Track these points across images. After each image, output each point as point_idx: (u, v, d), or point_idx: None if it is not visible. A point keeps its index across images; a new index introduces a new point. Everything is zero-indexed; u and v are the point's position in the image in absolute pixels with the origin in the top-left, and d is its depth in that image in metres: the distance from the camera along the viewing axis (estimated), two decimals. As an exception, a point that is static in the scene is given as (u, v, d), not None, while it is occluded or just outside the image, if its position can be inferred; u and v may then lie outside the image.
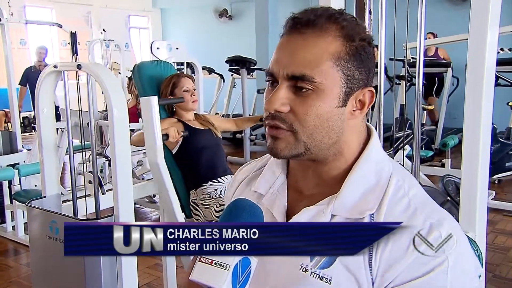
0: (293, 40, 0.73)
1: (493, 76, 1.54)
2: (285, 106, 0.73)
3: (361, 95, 0.76)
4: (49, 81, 2.14)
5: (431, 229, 0.70)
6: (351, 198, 0.75)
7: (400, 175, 0.77)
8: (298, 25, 0.73)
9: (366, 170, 0.76)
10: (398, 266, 0.70)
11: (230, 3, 10.08)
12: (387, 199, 0.74)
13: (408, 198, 0.74)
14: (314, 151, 0.75)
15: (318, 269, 0.74)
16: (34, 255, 2.24)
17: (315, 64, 0.71)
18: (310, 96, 0.72)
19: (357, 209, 0.74)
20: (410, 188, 0.76)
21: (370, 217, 0.73)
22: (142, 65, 2.58)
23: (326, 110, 0.73)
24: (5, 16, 3.89)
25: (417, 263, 0.69)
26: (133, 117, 4.01)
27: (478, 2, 1.48)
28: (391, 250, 0.70)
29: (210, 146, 2.48)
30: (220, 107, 7.29)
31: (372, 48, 0.77)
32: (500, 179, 4.72)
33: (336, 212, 0.75)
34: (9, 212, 3.72)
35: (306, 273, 0.75)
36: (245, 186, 0.90)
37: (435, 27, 6.50)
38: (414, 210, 0.73)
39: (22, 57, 8.77)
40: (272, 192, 0.84)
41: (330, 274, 0.73)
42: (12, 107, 4.01)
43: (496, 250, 3.18)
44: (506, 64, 4.85)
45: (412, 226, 0.70)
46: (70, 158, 2.20)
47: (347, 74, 0.73)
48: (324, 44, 0.72)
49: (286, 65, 0.73)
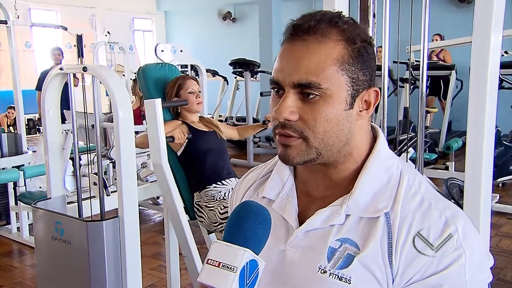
0: (296, 48, 0.73)
1: (496, 79, 1.54)
2: (294, 115, 0.73)
3: (367, 96, 0.76)
4: (55, 83, 2.15)
5: (447, 224, 0.71)
6: (365, 197, 0.75)
7: (410, 172, 0.78)
8: (299, 32, 0.73)
9: (377, 169, 0.77)
10: (418, 262, 0.70)
11: (234, 6, 10.11)
12: (401, 197, 0.74)
13: (421, 195, 0.75)
14: (326, 156, 0.76)
15: (336, 269, 0.74)
16: (39, 256, 2.25)
17: (320, 70, 0.72)
18: (318, 103, 0.72)
19: (371, 208, 0.75)
20: (420, 185, 0.77)
21: (386, 215, 0.74)
22: (146, 68, 2.60)
23: (334, 114, 0.73)
24: (11, 19, 3.92)
25: (436, 259, 0.70)
26: (137, 119, 4.02)
27: (481, 5, 1.49)
28: (410, 248, 0.71)
29: (214, 149, 2.49)
30: (223, 110, 7.30)
31: (373, 48, 0.77)
32: (504, 182, 4.70)
33: (351, 211, 0.75)
34: (14, 214, 3.73)
35: (324, 274, 0.74)
36: (253, 192, 0.90)
37: (441, 30, 6.50)
38: (428, 206, 0.74)
39: (27, 59, 8.83)
40: (282, 197, 0.83)
41: (349, 274, 0.73)
42: (18, 109, 4.04)
43: (500, 254, 3.17)
44: (510, 67, 4.84)
45: (429, 221, 0.72)
46: (75, 159, 2.21)
47: (352, 77, 0.74)
48: (327, 50, 0.72)
49: (291, 73, 0.73)
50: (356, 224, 0.75)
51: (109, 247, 1.96)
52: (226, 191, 2.44)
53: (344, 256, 0.74)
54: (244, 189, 0.92)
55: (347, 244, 0.74)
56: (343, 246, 0.74)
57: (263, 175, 0.90)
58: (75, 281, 2.06)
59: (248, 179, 0.94)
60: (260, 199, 0.86)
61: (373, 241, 0.73)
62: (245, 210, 0.69)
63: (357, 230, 0.75)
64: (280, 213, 0.82)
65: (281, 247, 0.79)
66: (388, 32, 2.02)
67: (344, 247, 0.74)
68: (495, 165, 1.93)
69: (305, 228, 0.78)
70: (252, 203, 0.71)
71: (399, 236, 0.72)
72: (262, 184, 0.88)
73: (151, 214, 4.22)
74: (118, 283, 2.00)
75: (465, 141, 1.58)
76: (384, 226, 0.73)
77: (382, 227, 0.73)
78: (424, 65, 2.20)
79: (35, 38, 8.98)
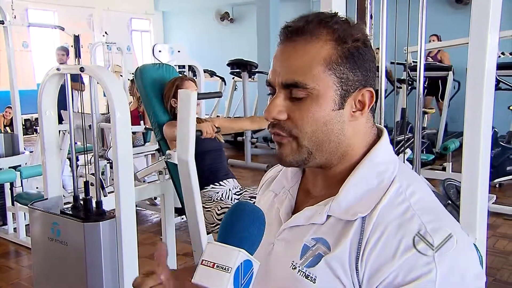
0: (286, 49, 0.75)
1: (493, 80, 1.55)
2: (282, 114, 0.75)
3: (360, 96, 0.76)
4: (52, 83, 2.15)
5: (423, 237, 0.68)
6: (348, 199, 0.75)
7: (406, 180, 0.75)
8: (289, 34, 0.74)
9: (367, 172, 0.76)
10: (385, 270, 0.68)
11: (231, 6, 10.10)
12: (383, 203, 0.72)
13: (409, 203, 0.72)
14: (318, 156, 0.76)
15: (305, 267, 0.75)
16: (35, 257, 2.25)
17: (307, 70, 0.72)
18: (305, 102, 0.73)
19: (350, 211, 0.74)
20: (412, 195, 0.73)
21: (362, 220, 0.72)
22: (144, 68, 2.59)
23: (322, 114, 0.73)
24: (8, 19, 3.91)
25: (404, 268, 0.67)
26: (135, 120, 4.02)
27: (478, 6, 1.49)
28: (378, 254, 0.69)
29: (212, 150, 2.49)
30: (221, 110, 7.30)
31: (369, 48, 0.76)
32: (501, 183, 4.71)
33: (332, 212, 0.75)
34: (10, 214, 3.72)
35: (294, 270, 0.76)
36: (266, 187, 0.94)
37: (438, 31, 6.52)
38: (411, 215, 0.70)
39: (24, 59, 8.80)
40: (284, 192, 0.87)
41: (315, 273, 0.73)
42: (15, 109, 4.03)
43: (496, 254, 3.18)
44: (506, 68, 4.86)
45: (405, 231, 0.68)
46: (72, 160, 2.20)
47: (341, 77, 0.73)
48: (314, 50, 0.73)
49: (280, 74, 0.74)
50: (334, 225, 0.75)
51: (106, 248, 1.96)
52: (223, 192, 2.44)
53: (314, 255, 0.74)
54: (263, 182, 0.97)
55: (320, 244, 0.75)
56: (316, 245, 0.75)
57: (279, 170, 0.94)
58: (72, 282, 2.05)
59: (269, 174, 0.98)
60: (269, 192, 0.91)
61: (343, 244, 0.72)
62: (239, 211, 0.69)
63: (333, 231, 0.74)
64: (278, 207, 0.85)
65: (271, 240, 0.81)
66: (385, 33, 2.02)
67: (317, 247, 0.75)
68: (492, 166, 1.93)
69: (290, 223, 0.80)
70: (246, 203, 0.71)
71: (368, 242, 0.70)
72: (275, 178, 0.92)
73: (148, 215, 4.21)
74: (114, 284, 2.00)
75: (462, 142, 1.58)
76: (357, 230, 0.72)
77: (354, 230, 0.72)
78: (421, 66, 2.21)
79: (33, 38, 8.95)
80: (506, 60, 4.90)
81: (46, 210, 2.12)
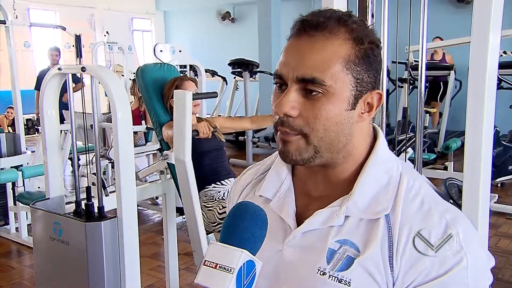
0: (302, 43, 0.72)
1: (495, 79, 1.55)
2: (294, 110, 0.72)
3: (370, 98, 0.75)
4: (54, 83, 2.15)
5: (448, 227, 0.70)
6: (364, 198, 0.74)
7: (410, 174, 0.77)
8: (307, 28, 0.72)
9: (377, 170, 0.76)
10: (419, 266, 0.69)
11: (233, 6, 10.11)
12: (401, 199, 0.73)
13: (421, 197, 0.74)
14: (324, 155, 0.75)
15: (336, 271, 0.73)
16: (37, 256, 2.25)
17: (325, 67, 0.71)
18: (320, 100, 0.71)
19: (371, 209, 0.74)
20: (421, 187, 0.75)
21: (386, 218, 0.73)
22: (145, 68, 2.59)
23: (335, 113, 0.72)
24: (9, 19, 3.92)
25: (437, 262, 0.69)
26: (136, 119, 4.02)
27: (480, 5, 1.49)
28: (411, 250, 0.70)
29: (213, 149, 2.49)
30: (222, 110, 7.30)
31: (380, 50, 0.76)
32: (503, 183, 4.71)
33: (350, 213, 0.75)
34: (12, 214, 3.73)
35: (324, 276, 0.74)
36: (250, 191, 0.89)
37: (440, 30, 6.50)
38: (428, 208, 0.73)
39: (26, 59, 8.82)
40: (279, 196, 0.82)
41: (348, 276, 0.72)
42: (17, 109, 4.03)
43: (498, 254, 3.17)
44: (508, 67, 4.85)
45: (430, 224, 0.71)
46: (74, 160, 2.21)
47: (357, 78, 0.72)
48: (334, 47, 0.71)
49: (295, 68, 0.71)
50: (356, 225, 0.74)
51: (108, 248, 1.96)
52: (225, 191, 2.44)
53: (344, 258, 0.73)
54: (241, 188, 0.91)
55: (347, 246, 0.74)
56: (342, 248, 0.74)
57: (261, 173, 0.89)
58: (74, 281, 2.05)
59: (245, 177, 0.92)
60: (257, 197, 0.85)
61: (373, 244, 0.72)
62: (241, 211, 0.69)
63: (357, 232, 0.74)
64: (277, 212, 0.81)
65: (278, 246, 0.79)
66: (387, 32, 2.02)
67: (344, 249, 0.74)
68: (494, 165, 1.93)
69: (304, 229, 0.77)
70: (248, 203, 0.70)
71: (400, 239, 0.71)
72: (259, 182, 0.87)
73: (150, 214, 4.22)
74: (116, 284, 2.00)
75: (464, 141, 1.58)
76: (385, 229, 0.72)
77: (382, 229, 0.72)
78: (422, 65, 2.20)
79: (34, 38, 8.97)
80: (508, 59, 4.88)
81: (48, 209, 2.12)
